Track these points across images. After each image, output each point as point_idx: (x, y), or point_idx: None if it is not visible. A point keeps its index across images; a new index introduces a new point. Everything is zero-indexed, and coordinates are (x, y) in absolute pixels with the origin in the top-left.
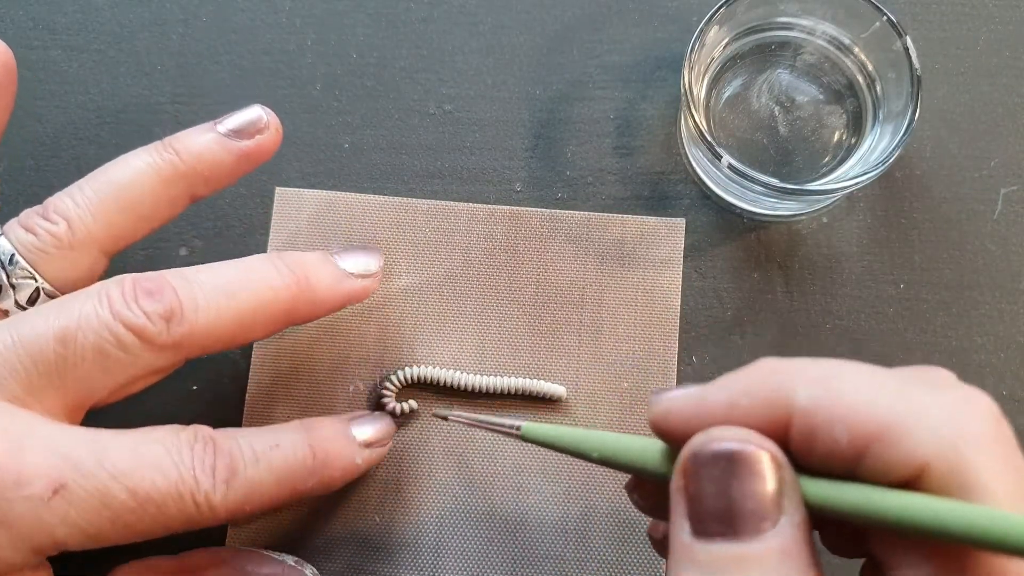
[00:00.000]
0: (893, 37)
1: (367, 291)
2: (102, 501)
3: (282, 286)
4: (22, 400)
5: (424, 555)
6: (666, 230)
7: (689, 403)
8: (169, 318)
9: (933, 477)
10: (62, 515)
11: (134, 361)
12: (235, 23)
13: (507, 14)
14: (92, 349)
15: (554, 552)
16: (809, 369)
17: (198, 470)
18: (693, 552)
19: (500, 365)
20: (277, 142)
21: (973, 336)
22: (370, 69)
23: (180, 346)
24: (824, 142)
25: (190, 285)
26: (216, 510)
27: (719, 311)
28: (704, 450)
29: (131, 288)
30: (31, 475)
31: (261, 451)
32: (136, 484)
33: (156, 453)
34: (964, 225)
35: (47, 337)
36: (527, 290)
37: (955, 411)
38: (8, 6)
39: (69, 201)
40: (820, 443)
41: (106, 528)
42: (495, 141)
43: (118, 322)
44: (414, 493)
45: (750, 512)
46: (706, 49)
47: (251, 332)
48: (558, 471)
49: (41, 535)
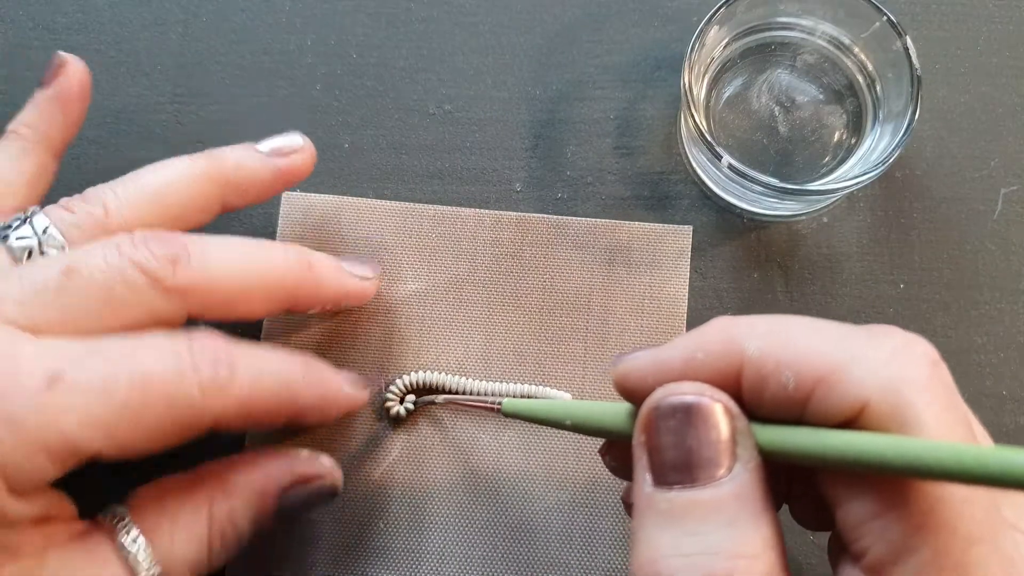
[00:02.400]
0: (893, 37)
1: (366, 292)
2: (103, 387)
3: (287, 263)
4: (22, 327)
5: (428, 562)
6: (673, 237)
7: (647, 362)
8: (175, 261)
9: (873, 415)
10: (64, 405)
11: (138, 301)
12: (235, 23)
13: (507, 14)
14: (97, 283)
15: (559, 560)
16: (759, 323)
17: (197, 356)
18: (654, 501)
19: (505, 371)
20: (311, 164)
21: (973, 336)
22: (370, 69)
23: (185, 293)
24: (824, 142)
25: (201, 241)
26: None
27: (719, 311)
28: (662, 404)
29: (140, 236)
30: (27, 370)
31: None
32: (135, 367)
33: (151, 343)
34: (964, 225)
35: (53, 271)
36: (533, 296)
37: (893, 353)
38: (8, 6)
39: (108, 191)
40: (769, 390)
41: (112, 418)
42: (495, 141)
43: (125, 258)
44: (418, 500)
45: (706, 459)
46: (706, 49)
47: (253, 300)
48: (563, 479)
49: (48, 430)
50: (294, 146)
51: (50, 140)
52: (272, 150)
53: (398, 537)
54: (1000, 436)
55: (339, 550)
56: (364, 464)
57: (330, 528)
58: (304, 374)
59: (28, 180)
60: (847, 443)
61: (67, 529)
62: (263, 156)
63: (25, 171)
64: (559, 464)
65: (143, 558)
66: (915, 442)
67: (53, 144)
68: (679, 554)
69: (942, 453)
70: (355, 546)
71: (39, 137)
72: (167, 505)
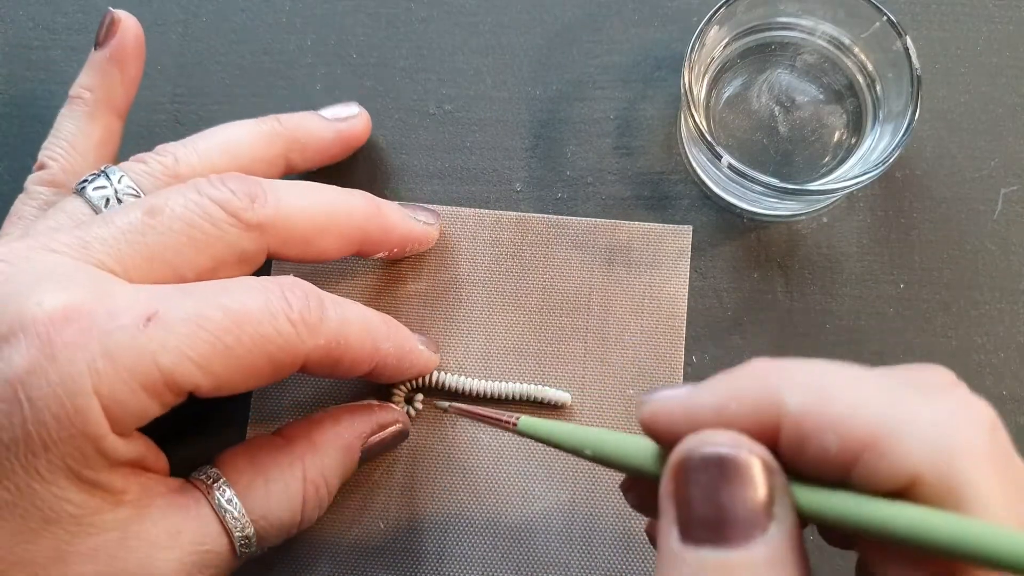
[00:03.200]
0: (893, 37)
1: (430, 236)
2: (197, 322)
3: (358, 204)
4: (110, 268)
5: (428, 562)
6: (673, 237)
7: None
8: (254, 198)
9: (925, 487)
10: (161, 340)
11: (221, 235)
12: (235, 23)
13: (507, 14)
14: (180, 219)
15: (559, 559)
16: (800, 372)
17: (288, 293)
18: (681, 559)
19: (505, 371)
20: (367, 130)
21: (973, 336)
22: (370, 69)
23: (264, 229)
24: (824, 142)
25: (274, 182)
26: (316, 331)
27: (719, 311)
28: (694, 454)
29: (217, 177)
30: (122, 307)
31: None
32: (227, 303)
33: (242, 283)
34: (964, 225)
35: (136, 213)
36: (533, 296)
37: (948, 419)
38: (8, 6)
39: (179, 145)
40: (811, 449)
41: (208, 352)
42: (495, 141)
43: (204, 197)
44: (418, 500)
45: (740, 519)
46: (706, 49)
47: (328, 238)
48: (563, 478)
49: (144, 364)
50: (352, 112)
51: (113, 101)
52: (333, 116)
53: (398, 537)
54: None
55: (339, 550)
56: (365, 465)
57: (330, 529)
58: (384, 323)
59: (96, 144)
60: (894, 516)
61: (164, 483)
62: (325, 119)
63: (93, 135)
64: (559, 464)
65: (239, 517)
66: (969, 523)
67: (116, 105)
68: None
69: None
70: (354, 546)
71: (102, 99)
72: (261, 465)
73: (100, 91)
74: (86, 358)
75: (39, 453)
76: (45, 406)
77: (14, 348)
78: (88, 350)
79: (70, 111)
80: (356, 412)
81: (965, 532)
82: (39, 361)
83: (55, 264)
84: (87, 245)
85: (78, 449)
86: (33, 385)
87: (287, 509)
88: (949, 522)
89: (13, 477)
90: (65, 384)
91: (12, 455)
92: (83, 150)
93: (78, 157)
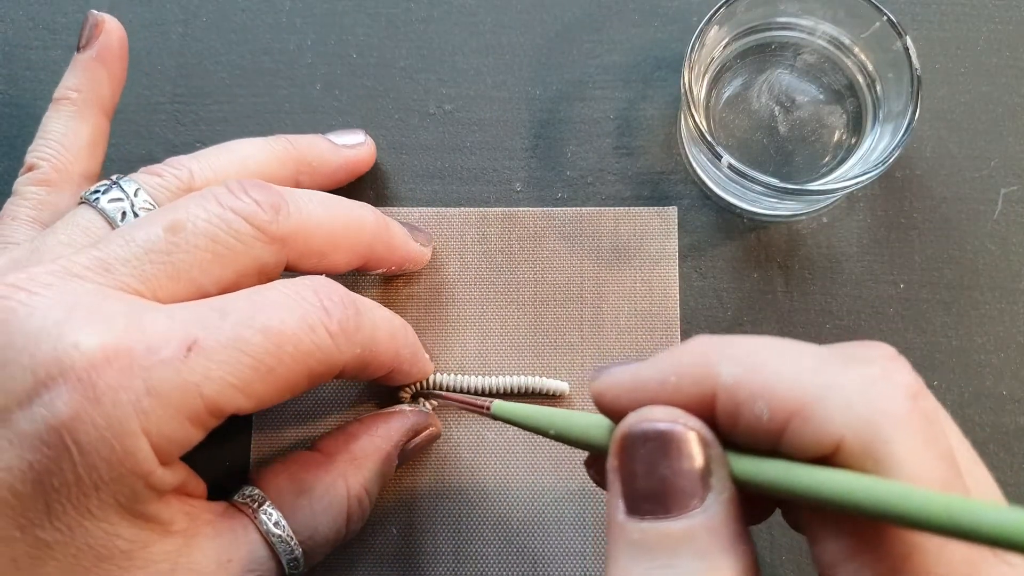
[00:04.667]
0: (893, 37)
1: (424, 258)
2: (238, 347)
3: (369, 219)
4: (136, 290)
5: (444, 563)
6: (659, 219)
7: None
8: (278, 209)
9: (849, 452)
10: (203, 371)
11: (246, 250)
12: (235, 23)
13: (507, 14)
14: (204, 235)
15: (575, 549)
16: (736, 346)
17: (325, 300)
18: (627, 531)
19: (503, 366)
20: (372, 158)
21: (973, 336)
22: (370, 69)
23: (285, 242)
24: (824, 142)
25: (289, 191)
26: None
27: (719, 311)
28: (634, 430)
29: (237, 185)
30: (160, 341)
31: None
32: (265, 323)
33: (273, 296)
34: (964, 225)
35: (157, 230)
36: (525, 289)
37: (871, 386)
38: (8, 6)
39: (191, 159)
40: (743, 419)
41: (251, 376)
42: (495, 141)
43: (227, 210)
44: (429, 503)
45: (678, 490)
46: (706, 49)
47: (340, 252)
48: (571, 468)
49: (189, 397)
50: (358, 140)
51: (101, 101)
52: (341, 142)
53: (412, 541)
54: (1000, 436)
55: (354, 557)
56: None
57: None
58: (403, 326)
59: (87, 144)
60: (819, 481)
61: (209, 509)
62: (334, 144)
63: (83, 135)
64: (565, 454)
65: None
66: (886, 485)
67: (104, 104)
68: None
69: (912, 500)
70: (368, 552)
71: (90, 99)
72: (304, 484)
73: (88, 91)
74: (131, 399)
75: (90, 493)
76: (94, 449)
77: (55, 394)
78: (132, 390)
79: (56, 112)
80: (391, 420)
81: (886, 494)
82: (83, 406)
83: (81, 293)
84: (110, 268)
85: (128, 486)
86: (80, 431)
87: (332, 527)
88: (868, 485)
89: (64, 517)
90: (112, 427)
91: (63, 497)
92: (74, 150)
93: (69, 157)
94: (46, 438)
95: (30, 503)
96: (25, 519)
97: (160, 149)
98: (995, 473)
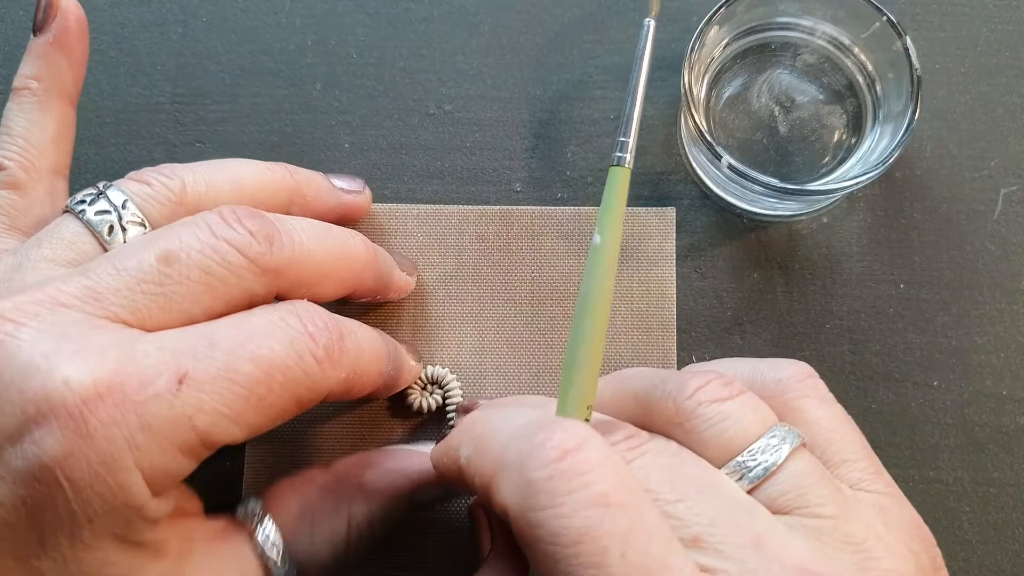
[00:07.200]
0: (893, 37)
1: (408, 288)
2: (229, 378)
3: (360, 250)
4: (126, 321)
5: (441, 563)
6: (657, 220)
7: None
8: (272, 240)
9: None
10: (196, 403)
11: (238, 282)
12: (235, 23)
13: (507, 14)
14: (197, 267)
15: None
16: (474, 425)
17: (310, 327)
18: None
19: (500, 363)
20: (367, 209)
21: (973, 336)
22: (370, 69)
23: (278, 273)
24: (824, 142)
25: (283, 220)
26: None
27: (719, 311)
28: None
29: (230, 213)
30: (152, 374)
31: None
32: (255, 352)
33: (260, 324)
34: (964, 225)
35: (149, 260)
36: (523, 288)
37: (527, 458)
38: (8, 6)
39: (186, 169)
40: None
41: (242, 407)
42: (495, 141)
43: (221, 241)
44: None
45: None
46: (706, 49)
47: (329, 282)
48: None
49: (182, 430)
50: (356, 188)
51: (63, 88)
52: (339, 185)
53: (407, 539)
54: (1000, 436)
55: None
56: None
57: None
58: (385, 343)
59: (53, 137)
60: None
61: (204, 527)
62: (332, 184)
63: (48, 128)
64: None
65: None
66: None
67: (68, 92)
68: None
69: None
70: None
71: (52, 88)
72: (309, 504)
73: (48, 79)
74: (124, 434)
75: (83, 526)
76: (87, 485)
77: (46, 431)
78: (125, 425)
79: (18, 104)
80: (410, 457)
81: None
82: (76, 443)
83: (69, 324)
84: (99, 297)
85: (123, 518)
86: (73, 468)
87: (331, 554)
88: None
89: (59, 548)
90: (106, 463)
91: (57, 530)
92: (39, 145)
93: (35, 153)
94: (38, 475)
95: (23, 535)
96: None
97: (160, 149)
98: (995, 473)
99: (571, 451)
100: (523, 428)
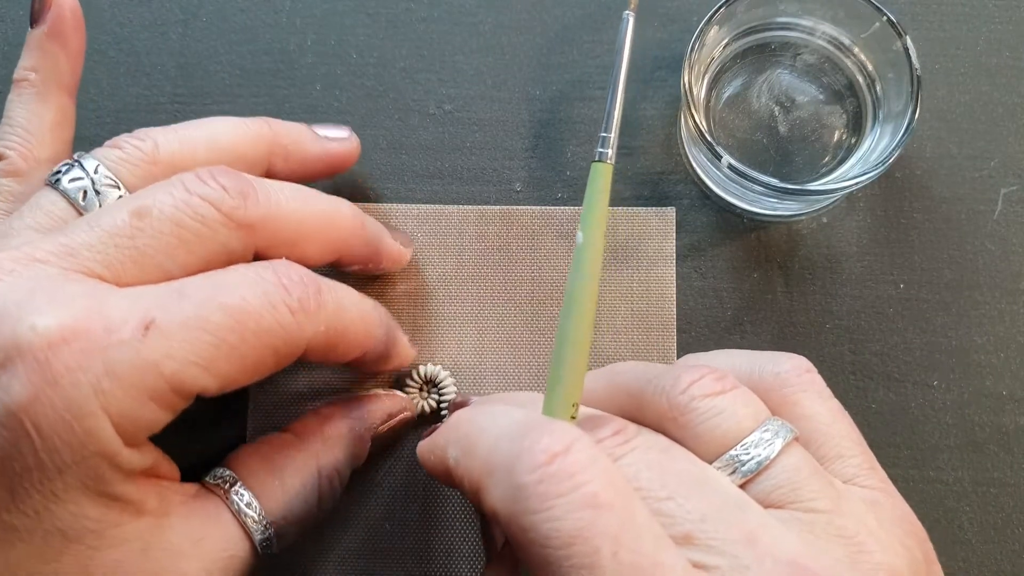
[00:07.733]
0: (893, 37)
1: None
2: (198, 325)
3: (346, 215)
4: (99, 275)
5: (436, 560)
6: (657, 220)
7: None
8: (246, 196)
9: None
10: (163, 349)
11: (212, 235)
12: (235, 23)
13: (507, 14)
14: (169, 220)
15: None
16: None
17: (284, 280)
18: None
19: (499, 363)
20: (355, 156)
21: (973, 336)
22: (370, 69)
23: (254, 229)
24: (824, 142)
25: (261, 180)
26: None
27: (719, 311)
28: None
29: (206, 172)
30: (118, 321)
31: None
32: (225, 301)
33: (236, 276)
34: (964, 225)
35: (123, 216)
36: (523, 288)
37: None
38: (8, 6)
39: (159, 131)
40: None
41: (213, 354)
42: (495, 141)
43: (195, 196)
44: (422, 499)
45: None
46: (706, 49)
47: (312, 243)
48: None
49: (149, 376)
50: (342, 135)
51: (61, 79)
52: (324, 133)
53: (405, 537)
54: (1000, 436)
55: (347, 553)
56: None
57: (337, 531)
58: (375, 308)
59: (52, 126)
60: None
61: (180, 490)
62: (315, 133)
63: (47, 117)
64: None
65: (259, 520)
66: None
67: (65, 83)
68: None
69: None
70: (362, 549)
71: (49, 79)
72: (275, 464)
73: (45, 71)
74: (89, 379)
75: (54, 477)
76: (54, 432)
77: (13, 376)
78: (90, 371)
79: (18, 96)
80: (365, 403)
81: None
82: (41, 388)
83: (42, 277)
84: (74, 252)
85: (93, 468)
86: (39, 413)
87: (304, 507)
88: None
89: (30, 501)
90: (72, 409)
91: (26, 481)
92: (39, 134)
93: (35, 142)
94: (5, 422)
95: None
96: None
97: None
98: (995, 473)
99: (559, 454)
100: (510, 429)
